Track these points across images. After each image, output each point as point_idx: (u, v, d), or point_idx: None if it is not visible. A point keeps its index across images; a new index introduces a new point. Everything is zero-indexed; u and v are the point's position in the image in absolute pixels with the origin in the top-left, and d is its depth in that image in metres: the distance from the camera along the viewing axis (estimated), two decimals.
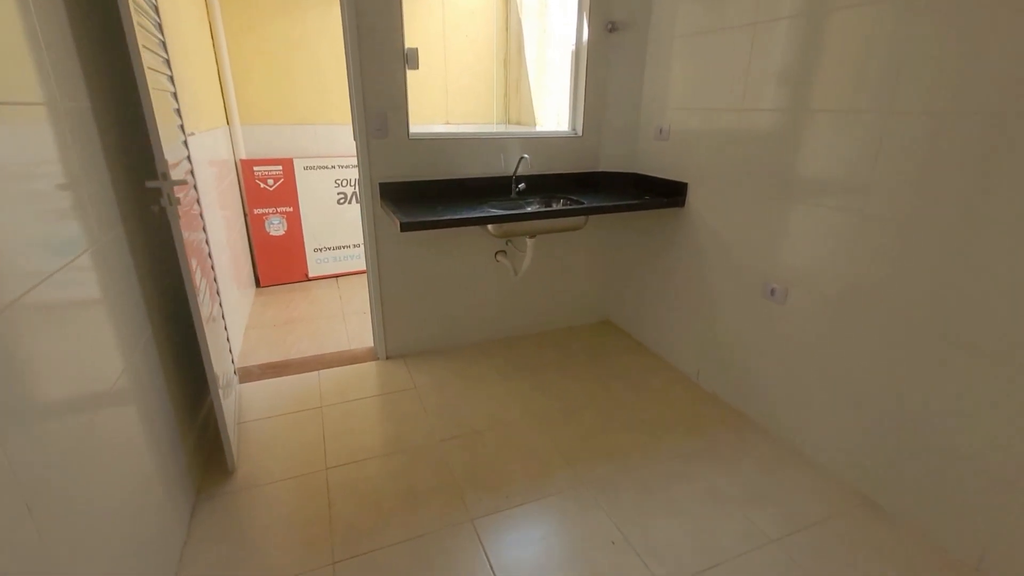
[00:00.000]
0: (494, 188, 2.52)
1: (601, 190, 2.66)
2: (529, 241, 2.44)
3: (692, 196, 2.29)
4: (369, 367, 2.54)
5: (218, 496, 1.68)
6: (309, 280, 3.87)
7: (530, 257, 2.47)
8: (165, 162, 1.40)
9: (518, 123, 3.97)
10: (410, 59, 2.22)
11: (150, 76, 1.35)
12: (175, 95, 1.85)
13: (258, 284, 3.73)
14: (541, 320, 2.91)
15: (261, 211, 3.59)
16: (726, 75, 2.00)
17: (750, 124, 1.93)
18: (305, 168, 3.65)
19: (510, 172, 2.52)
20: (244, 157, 3.50)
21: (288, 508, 1.64)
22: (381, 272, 2.45)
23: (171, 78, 1.83)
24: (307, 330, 2.99)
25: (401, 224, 1.88)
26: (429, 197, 2.39)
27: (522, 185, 2.51)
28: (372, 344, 2.70)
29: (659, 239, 2.54)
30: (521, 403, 2.24)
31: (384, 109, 2.21)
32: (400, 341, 2.62)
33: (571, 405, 2.23)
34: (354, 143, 2.25)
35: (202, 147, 2.49)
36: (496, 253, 2.63)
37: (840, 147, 1.64)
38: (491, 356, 2.65)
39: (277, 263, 3.75)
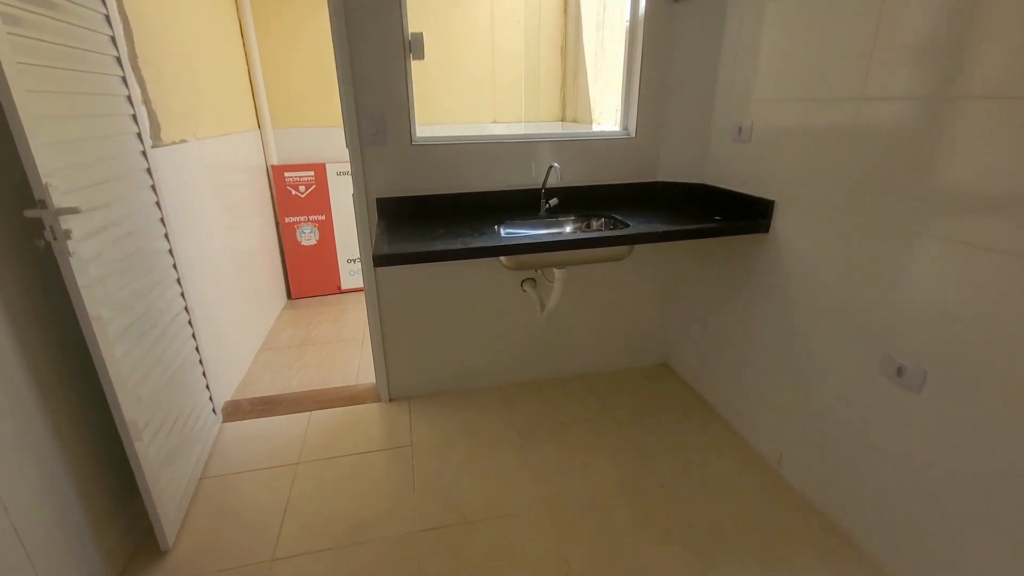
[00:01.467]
0: (520, 204, 2.04)
1: (659, 206, 2.08)
2: (557, 273, 1.94)
3: (780, 219, 1.67)
4: (368, 411, 2.18)
5: None
6: (341, 292, 3.63)
7: (559, 292, 1.97)
8: (43, 187, 1.08)
9: (574, 121, 3.44)
10: (414, 47, 1.80)
11: (41, 78, 1.03)
12: (130, 99, 1.57)
13: (289, 296, 3.54)
14: (580, 361, 2.39)
15: (292, 219, 3.38)
16: (841, 50, 1.37)
17: (871, 119, 1.29)
18: (338, 173, 3.39)
19: (552, 182, 2.03)
20: (275, 163, 3.30)
21: None
22: (381, 302, 2.07)
23: (124, 79, 1.55)
24: (319, 355, 2.70)
25: (375, 257, 1.46)
26: (437, 216, 1.96)
27: (553, 200, 2.00)
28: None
29: (735, 271, 1.92)
30: (535, 482, 1.75)
31: (381, 110, 1.81)
32: (405, 381, 2.23)
33: (599, 491, 1.71)
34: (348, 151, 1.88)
35: (203, 155, 2.25)
36: (523, 282, 2.15)
37: (1012, 151, 0.98)
38: (512, 406, 2.18)
39: (308, 274, 3.53)
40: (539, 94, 3.46)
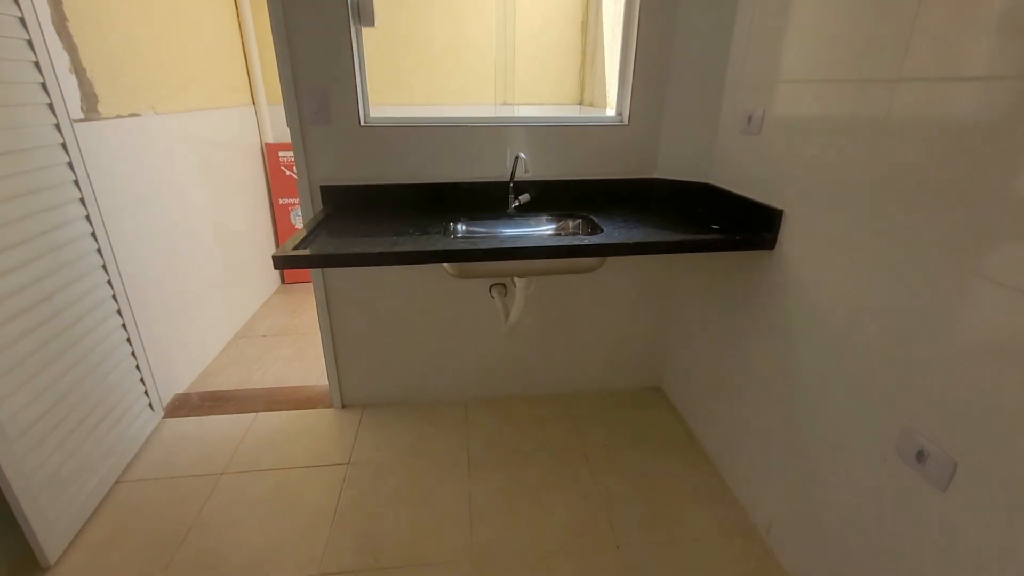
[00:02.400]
0: (486, 199, 1.77)
1: (653, 209, 1.75)
2: (519, 283, 1.66)
3: (788, 234, 1.31)
4: (317, 417, 2.00)
5: None
6: None
7: (520, 304, 1.69)
8: None
9: (591, 105, 3.10)
10: (362, 11, 1.55)
11: None
12: (39, 66, 1.41)
13: (283, 280, 3.43)
14: (559, 378, 2.11)
15: (286, 201, 3.24)
16: (893, 18, 1.01)
17: (935, 105, 0.93)
18: None
19: (522, 175, 1.75)
20: (270, 141, 3.16)
21: None
22: (330, 300, 1.87)
23: (30, 42, 1.39)
24: (292, 347, 2.55)
25: (274, 258, 1.24)
26: (387, 209, 1.72)
27: (524, 196, 1.72)
28: None
29: (735, 292, 1.58)
30: (472, 523, 1.51)
31: (323, 84, 1.58)
32: (360, 387, 2.04)
33: (543, 543, 1.44)
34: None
35: (166, 130, 2.11)
36: (491, 287, 1.89)
37: None
38: (472, 425, 1.94)
39: None
40: (559, 75, 3.12)
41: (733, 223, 1.50)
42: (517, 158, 1.66)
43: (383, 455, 1.79)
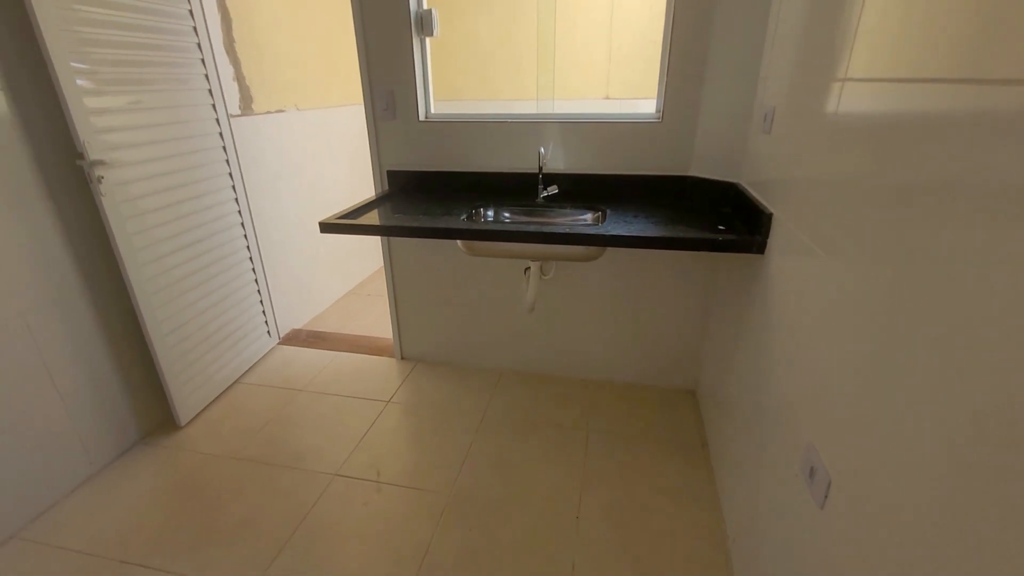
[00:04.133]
0: (519, 188, 1.95)
1: (684, 206, 1.75)
2: (532, 266, 1.82)
3: (776, 238, 1.26)
4: (380, 363, 2.42)
5: (153, 449, 1.87)
6: None
7: (533, 286, 1.85)
8: (82, 143, 1.51)
9: (611, 98, 3.00)
10: (424, 24, 1.84)
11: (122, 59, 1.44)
12: (208, 77, 1.99)
13: None
14: (592, 365, 2.21)
15: None
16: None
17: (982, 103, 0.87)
18: None
19: (555, 168, 1.90)
20: None
21: (186, 485, 1.70)
22: (394, 269, 2.25)
23: (203, 60, 1.97)
24: (383, 307, 3.04)
25: (320, 224, 1.62)
26: (433, 192, 2.01)
27: (552, 188, 1.86)
28: None
29: (740, 295, 1.54)
30: (461, 469, 1.75)
31: (392, 87, 1.92)
32: (416, 344, 2.40)
33: (513, 496, 1.62)
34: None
35: (305, 123, 2.69)
36: (525, 269, 2.07)
37: None
38: (498, 392, 2.17)
39: None
40: (590, 68, 3.08)
41: (747, 225, 1.46)
42: (541, 151, 1.80)
43: (416, 400, 2.12)
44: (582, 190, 1.90)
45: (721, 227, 1.48)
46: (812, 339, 0.98)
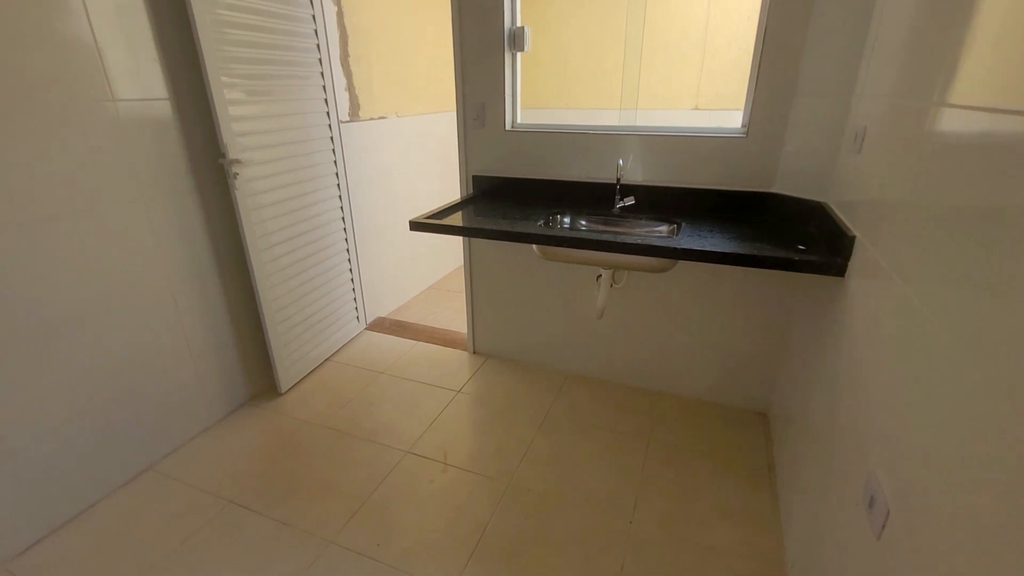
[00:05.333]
0: (596, 198, 2.01)
1: (764, 224, 1.72)
2: (604, 273, 1.87)
3: (858, 263, 1.23)
4: (453, 355, 2.58)
5: (257, 410, 2.15)
6: None
7: (603, 294, 1.90)
8: (224, 144, 1.79)
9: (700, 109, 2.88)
10: (516, 40, 1.96)
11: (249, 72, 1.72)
12: (325, 88, 2.25)
13: None
14: (660, 376, 2.21)
15: None
16: None
17: None
18: None
19: (633, 179, 1.94)
20: None
21: (285, 447, 1.96)
22: (473, 268, 2.39)
23: (322, 73, 2.23)
24: (461, 303, 3.21)
25: (410, 223, 1.78)
26: (514, 198, 2.12)
27: (629, 199, 1.90)
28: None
29: (819, 319, 1.49)
30: (521, 461, 1.84)
31: (482, 98, 2.06)
32: (487, 340, 2.53)
33: (568, 493, 1.69)
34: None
35: (402, 128, 2.93)
36: (598, 277, 2.13)
37: None
38: (562, 393, 2.23)
39: None
40: (679, 78, 2.99)
41: (829, 246, 1.42)
42: (619, 164, 1.85)
43: (484, 393, 2.25)
44: (658, 202, 1.91)
45: (801, 247, 1.45)
46: (883, 367, 0.96)
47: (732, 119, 1.96)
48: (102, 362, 1.62)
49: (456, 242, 3.78)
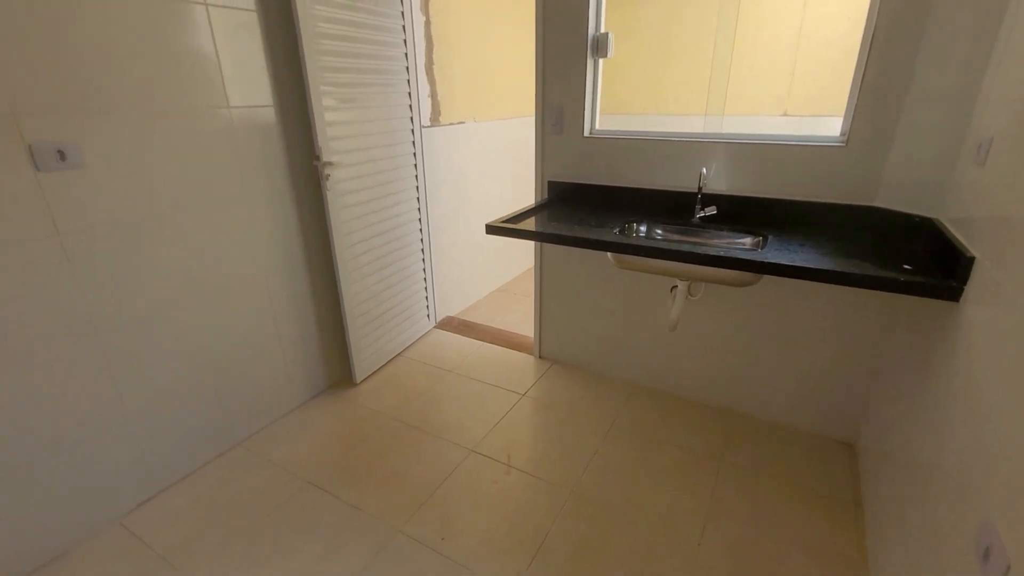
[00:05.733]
0: (675, 206, 1.95)
1: (862, 239, 1.60)
2: (680, 285, 1.82)
3: (977, 287, 1.11)
4: (519, 358, 2.60)
5: (333, 398, 2.28)
6: None
7: (678, 306, 1.84)
8: (319, 147, 1.92)
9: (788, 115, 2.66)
10: (599, 46, 1.96)
11: (344, 81, 1.85)
12: (410, 94, 2.36)
13: None
14: (734, 394, 2.11)
15: None
16: None
17: None
18: None
19: (716, 188, 1.87)
20: None
21: (359, 437, 2.07)
22: (543, 273, 2.40)
23: (408, 80, 2.34)
24: (528, 306, 3.24)
25: (486, 226, 1.82)
26: (590, 204, 2.11)
27: (711, 209, 1.83)
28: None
29: (924, 349, 1.36)
30: (586, 469, 1.83)
31: (562, 104, 2.06)
32: (554, 345, 2.52)
33: (633, 506, 1.65)
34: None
35: (479, 133, 3.00)
36: (672, 287, 2.07)
37: None
38: (629, 404, 2.19)
39: None
40: (769, 83, 2.80)
41: (940, 267, 1.29)
42: (701, 173, 1.79)
43: (549, 398, 2.25)
44: (743, 213, 1.83)
45: (906, 266, 1.33)
46: (1003, 404, 0.86)
47: (825, 126, 1.85)
48: (206, 343, 1.79)
49: (525, 246, 3.80)
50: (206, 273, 1.74)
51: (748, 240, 1.74)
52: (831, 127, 1.73)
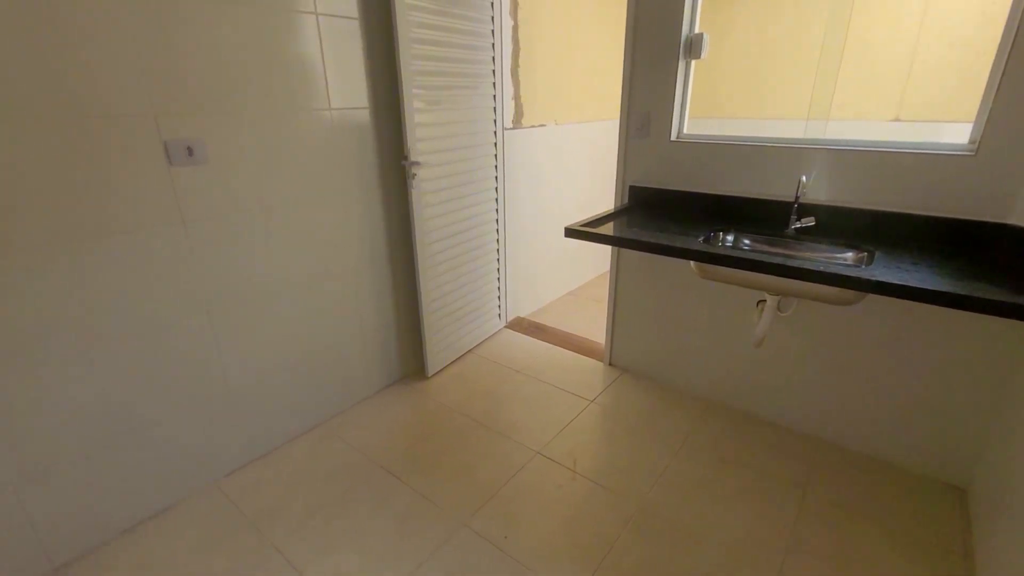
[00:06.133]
0: (767, 216, 1.84)
1: (989, 260, 1.43)
2: (769, 299, 1.71)
3: None
4: (588, 363, 2.57)
5: (406, 389, 2.36)
6: None
7: (765, 321, 1.74)
8: (408, 148, 2.00)
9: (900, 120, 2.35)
10: (693, 47, 1.89)
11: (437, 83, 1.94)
12: (495, 97, 2.41)
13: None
14: (820, 421, 1.96)
15: None
16: None
17: None
18: None
19: (815, 198, 1.75)
20: None
21: (429, 429, 2.14)
22: (619, 278, 2.35)
23: (494, 83, 2.39)
24: (598, 312, 3.19)
25: (565, 229, 1.81)
26: (677, 210, 2.04)
27: (808, 220, 1.71)
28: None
29: None
30: (653, 484, 1.77)
31: (648, 108, 2.01)
32: (625, 353, 2.47)
33: (702, 529, 1.58)
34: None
35: (558, 135, 3.00)
36: (758, 302, 1.96)
37: None
38: (704, 421, 2.10)
39: None
40: (882, 85, 2.51)
41: None
42: (800, 181, 1.67)
43: (618, 406, 2.20)
44: (845, 226, 1.69)
45: None
46: None
47: (946, 133, 1.67)
48: (300, 328, 1.92)
49: (597, 250, 3.75)
50: (304, 263, 1.87)
51: (850, 255, 1.61)
52: (954, 134, 1.56)
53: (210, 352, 1.69)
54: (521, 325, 3.00)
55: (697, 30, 1.89)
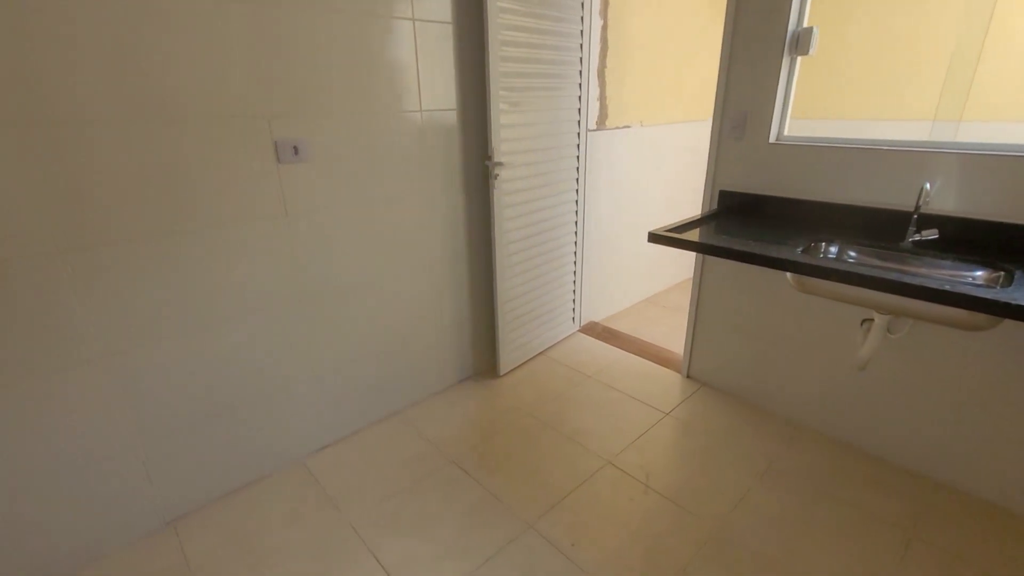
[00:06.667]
0: (878, 227, 1.67)
1: None
2: (877, 319, 1.55)
3: None
4: (664, 374, 2.47)
5: (478, 385, 2.40)
6: None
7: (871, 343, 1.57)
8: (492, 148, 2.03)
9: None
10: (800, 43, 1.76)
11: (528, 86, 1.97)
12: (580, 98, 2.38)
13: None
14: (937, 459, 1.75)
15: None
16: None
17: None
18: None
19: (940, 208, 1.57)
20: None
21: (497, 425, 2.17)
22: (702, 287, 2.24)
23: (580, 84, 2.36)
24: (676, 321, 3.05)
25: (649, 234, 1.75)
26: (771, 218, 1.90)
27: (930, 232, 1.53)
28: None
29: None
30: (734, 507, 1.66)
31: (746, 108, 1.90)
32: (705, 366, 2.35)
33: (789, 563, 1.46)
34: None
35: (643, 137, 2.92)
36: (863, 320, 1.79)
37: None
38: (791, 446, 1.94)
39: None
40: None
41: None
42: (923, 189, 1.49)
43: (696, 422, 2.09)
44: (975, 240, 1.49)
45: None
46: None
47: None
48: (385, 319, 2.02)
49: (678, 257, 3.60)
50: (390, 258, 1.96)
51: (982, 274, 1.41)
52: None
53: (303, 338, 1.80)
54: (595, 330, 2.94)
55: (806, 24, 1.75)
